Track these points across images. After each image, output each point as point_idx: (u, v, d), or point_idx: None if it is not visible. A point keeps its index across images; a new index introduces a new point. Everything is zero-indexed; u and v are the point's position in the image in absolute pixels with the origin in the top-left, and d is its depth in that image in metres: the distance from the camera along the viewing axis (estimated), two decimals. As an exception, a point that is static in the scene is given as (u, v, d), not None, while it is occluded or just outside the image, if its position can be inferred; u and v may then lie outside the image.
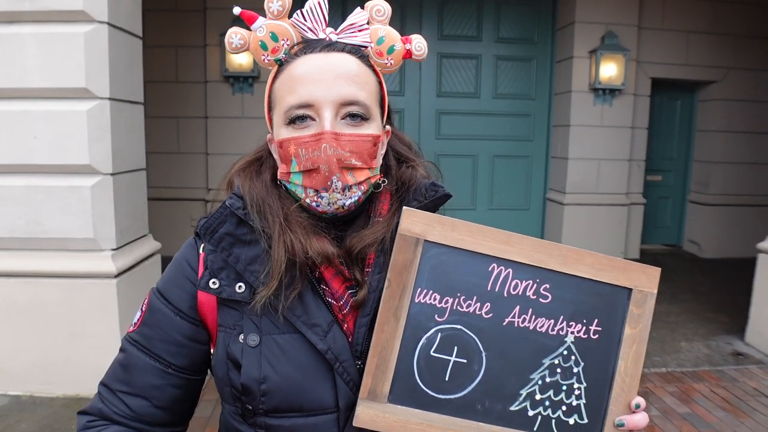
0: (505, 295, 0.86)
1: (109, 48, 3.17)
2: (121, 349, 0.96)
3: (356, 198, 0.89)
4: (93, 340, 3.29)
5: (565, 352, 0.87)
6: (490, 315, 0.86)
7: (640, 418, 0.88)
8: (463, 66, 7.16)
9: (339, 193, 0.87)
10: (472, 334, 0.85)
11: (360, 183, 0.88)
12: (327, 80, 0.86)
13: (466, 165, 7.25)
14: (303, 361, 0.87)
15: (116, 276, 3.29)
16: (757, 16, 7.03)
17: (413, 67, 7.06)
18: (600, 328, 0.88)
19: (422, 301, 0.85)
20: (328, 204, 0.88)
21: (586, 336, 0.88)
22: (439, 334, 0.85)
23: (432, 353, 0.84)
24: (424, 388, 0.84)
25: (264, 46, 0.92)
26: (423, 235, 0.84)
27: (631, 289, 0.88)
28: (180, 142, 6.67)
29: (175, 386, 0.93)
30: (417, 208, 0.92)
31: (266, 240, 0.89)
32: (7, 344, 3.33)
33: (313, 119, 0.87)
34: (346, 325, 0.89)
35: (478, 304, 0.85)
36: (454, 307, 0.85)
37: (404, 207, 0.85)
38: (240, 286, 0.89)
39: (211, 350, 0.94)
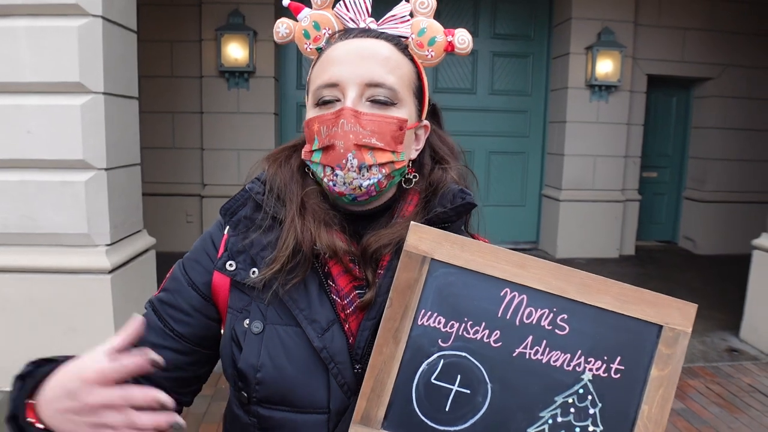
0: (518, 323, 0.78)
1: (103, 42, 3.14)
2: (144, 308, 0.99)
3: (376, 180, 0.86)
4: (87, 336, 3.27)
5: (581, 391, 0.78)
6: (499, 344, 0.78)
7: None
8: (459, 62, 7.15)
9: (355, 171, 0.85)
10: (478, 363, 0.78)
11: (381, 165, 0.86)
12: (355, 61, 0.87)
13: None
14: (300, 357, 0.85)
15: (110, 272, 3.27)
16: (753, 13, 7.04)
17: (409, 63, 7.04)
18: (622, 367, 0.79)
19: (425, 323, 0.79)
20: (344, 183, 0.85)
21: (606, 374, 0.78)
22: (442, 360, 0.78)
23: (433, 380, 0.78)
24: (422, 416, 0.78)
25: (307, 35, 0.94)
26: (430, 253, 0.79)
27: (661, 326, 0.79)
28: (175, 137, 6.64)
29: (175, 351, 0.93)
30: (441, 214, 0.90)
31: (281, 228, 0.89)
32: (0, 340, 3.31)
33: (338, 100, 0.87)
34: (347, 326, 0.86)
35: (487, 331, 0.78)
36: (460, 333, 0.78)
37: (411, 222, 0.80)
38: (254, 272, 0.88)
39: (221, 330, 0.95)
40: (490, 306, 0.79)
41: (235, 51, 6.29)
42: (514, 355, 0.78)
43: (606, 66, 6.61)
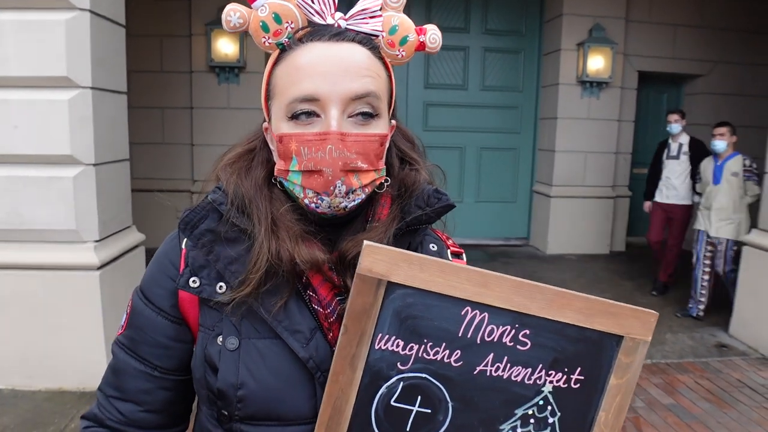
0: (479, 341, 0.77)
1: (90, 36, 3.11)
2: (113, 353, 0.92)
3: (359, 200, 0.83)
4: (75, 333, 3.25)
5: (541, 402, 0.80)
6: (460, 363, 0.77)
7: None
8: (450, 57, 7.14)
9: (342, 197, 0.81)
10: (439, 383, 0.77)
11: (365, 186, 0.83)
12: (334, 74, 0.79)
13: (454, 157, 7.24)
14: (283, 369, 0.82)
15: (99, 268, 3.25)
16: (744, 10, 7.07)
17: (401, 59, 7.02)
18: (582, 377, 0.80)
19: (383, 347, 0.76)
20: (329, 207, 0.82)
21: (566, 385, 0.80)
22: (401, 383, 0.77)
23: (392, 402, 0.77)
24: None
25: (265, 28, 0.82)
26: (386, 275, 0.73)
27: (622, 337, 0.80)
28: (165, 132, 6.60)
29: (165, 389, 0.90)
30: (418, 216, 0.87)
31: (248, 240, 0.84)
32: (-12, 337, 3.29)
33: (317, 115, 0.80)
34: (331, 334, 0.84)
35: (447, 351, 0.77)
36: (420, 355, 0.76)
37: (365, 242, 0.74)
38: (221, 287, 0.83)
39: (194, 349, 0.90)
40: (451, 326, 0.77)
41: (226, 46, 6.25)
42: (474, 373, 0.78)
43: (597, 62, 6.62)
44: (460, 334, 0.77)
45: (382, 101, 0.84)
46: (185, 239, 0.88)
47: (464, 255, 1.02)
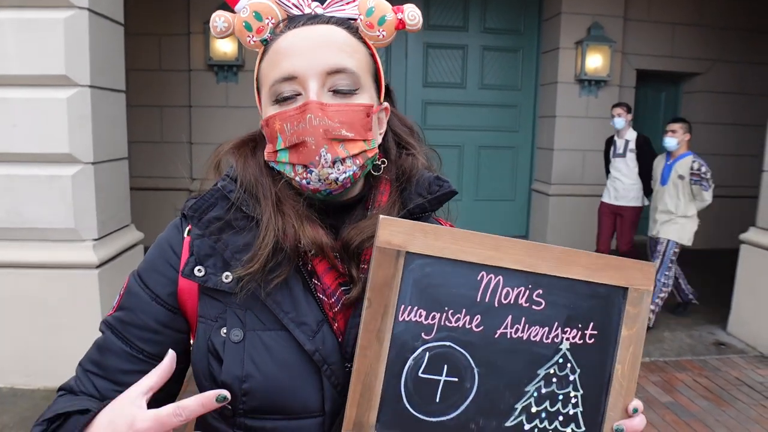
0: (496, 305, 0.79)
1: (89, 35, 3.10)
2: (101, 331, 0.91)
3: (351, 173, 0.83)
4: (74, 332, 3.25)
5: (561, 360, 0.82)
6: (481, 328, 0.79)
7: (639, 422, 0.83)
8: (449, 56, 7.14)
9: (329, 166, 0.81)
10: (463, 350, 0.79)
11: (354, 156, 0.83)
12: (311, 49, 0.82)
13: (452, 155, 7.24)
14: (289, 361, 0.81)
15: (98, 266, 3.25)
16: (742, 8, 7.07)
17: (399, 57, 7.03)
18: (596, 332, 0.83)
19: (407, 319, 0.77)
20: (319, 180, 0.82)
21: (581, 341, 0.82)
22: (427, 353, 0.78)
23: (420, 374, 0.78)
24: (414, 412, 0.78)
25: (248, 27, 0.86)
26: (404, 246, 0.76)
27: (627, 288, 0.83)
28: (163, 131, 6.59)
29: (146, 373, 0.85)
30: (421, 204, 0.88)
31: (257, 228, 0.84)
32: (-13, 336, 3.29)
33: (299, 94, 0.82)
34: (336, 325, 0.83)
35: (468, 317, 0.78)
36: (442, 323, 0.78)
37: (381, 216, 0.75)
38: (227, 276, 0.81)
39: (191, 341, 0.88)
40: (469, 292, 0.79)
41: (224, 44, 6.24)
42: (496, 336, 0.80)
43: (595, 61, 6.62)
44: (478, 299, 0.79)
45: (363, 77, 0.85)
46: (187, 227, 0.88)
47: None
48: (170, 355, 0.77)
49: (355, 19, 0.88)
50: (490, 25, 7.15)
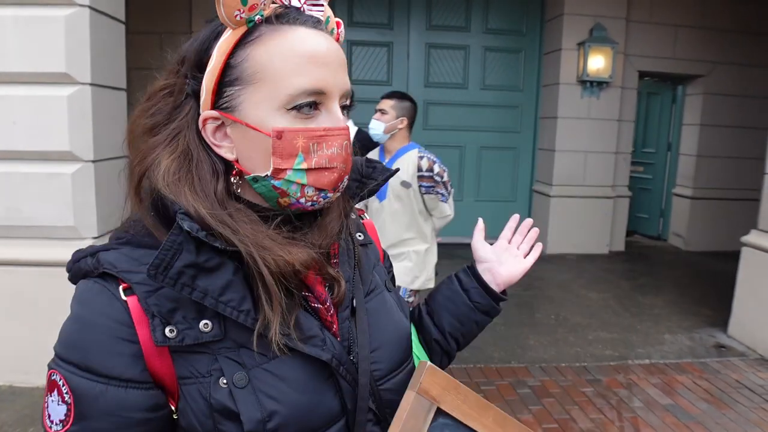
0: None
1: (90, 32, 3.10)
2: None
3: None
4: (74, 330, 3.24)
5: None
6: None
7: None
8: (451, 56, 7.14)
9: (339, 192, 0.79)
10: None
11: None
12: (335, 66, 0.75)
13: (453, 156, 7.23)
14: (303, 380, 0.76)
15: (98, 265, 3.24)
16: (744, 10, 7.06)
17: (401, 57, 7.03)
18: None
19: None
20: (324, 202, 0.78)
21: None
22: None
23: None
24: None
25: (244, 1, 0.71)
26: (438, 401, 0.77)
27: None
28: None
29: None
30: (373, 188, 0.89)
31: (234, 260, 0.73)
32: (-14, 333, 3.28)
33: (317, 109, 0.74)
34: (334, 327, 0.81)
35: None
36: None
37: (428, 364, 0.76)
38: (206, 324, 0.71)
39: (173, 409, 0.75)
40: None
41: (226, 43, 6.23)
42: None
43: (597, 62, 6.61)
44: None
45: None
46: (120, 287, 0.72)
47: (365, 215, 1.07)
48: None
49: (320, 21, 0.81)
50: (492, 26, 7.15)
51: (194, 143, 0.77)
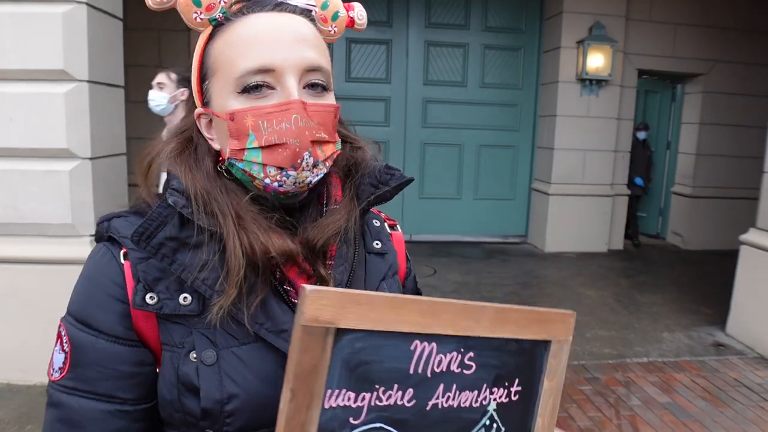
0: (429, 375, 0.73)
1: (88, 29, 3.09)
2: (53, 405, 0.76)
3: (322, 174, 0.80)
4: (71, 328, 3.24)
5: (488, 422, 0.79)
6: (413, 402, 0.72)
7: None
8: (450, 54, 7.13)
9: (309, 170, 0.77)
10: (393, 429, 0.72)
11: (327, 158, 0.79)
12: (287, 42, 0.75)
13: (452, 154, 7.23)
14: (269, 372, 0.76)
15: (95, 262, 3.23)
16: (744, 9, 7.06)
17: (400, 55, 7.01)
18: (520, 388, 0.81)
19: (333, 405, 0.67)
20: (294, 183, 0.77)
21: (507, 399, 0.80)
22: None
23: None
24: None
25: (197, 2, 0.77)
26: (334, 321, 0.65)
27: (549, 341, 0.82)
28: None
29: (138, 420, 0.78)
30: (382, 195, 0.86)
31: (216, 242, 0.75)
32: (-17, 331, 3.27)
33: (271, 87, 0.75)
34: None
35: (400, 393, 0.71)
36: (372, 403, 0.70)
37: (307, 287, 0.62)
38: (185, 298, 0.74)
39: (157, 370, 0.79)
40: (401, 365, 0.72)
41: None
42: (428, 408, 0.74)
43: (597, 60, 6.61)
44: (411, 371, 0.72)
45: (330, 75, 0.81)
46: (121, 252, 0.77)
47: (398, 226, 1.02)
48: None
49: (311, 11, 0.83)
50: (492, 24, 7.14)
51: (197, 136, 0.84)
